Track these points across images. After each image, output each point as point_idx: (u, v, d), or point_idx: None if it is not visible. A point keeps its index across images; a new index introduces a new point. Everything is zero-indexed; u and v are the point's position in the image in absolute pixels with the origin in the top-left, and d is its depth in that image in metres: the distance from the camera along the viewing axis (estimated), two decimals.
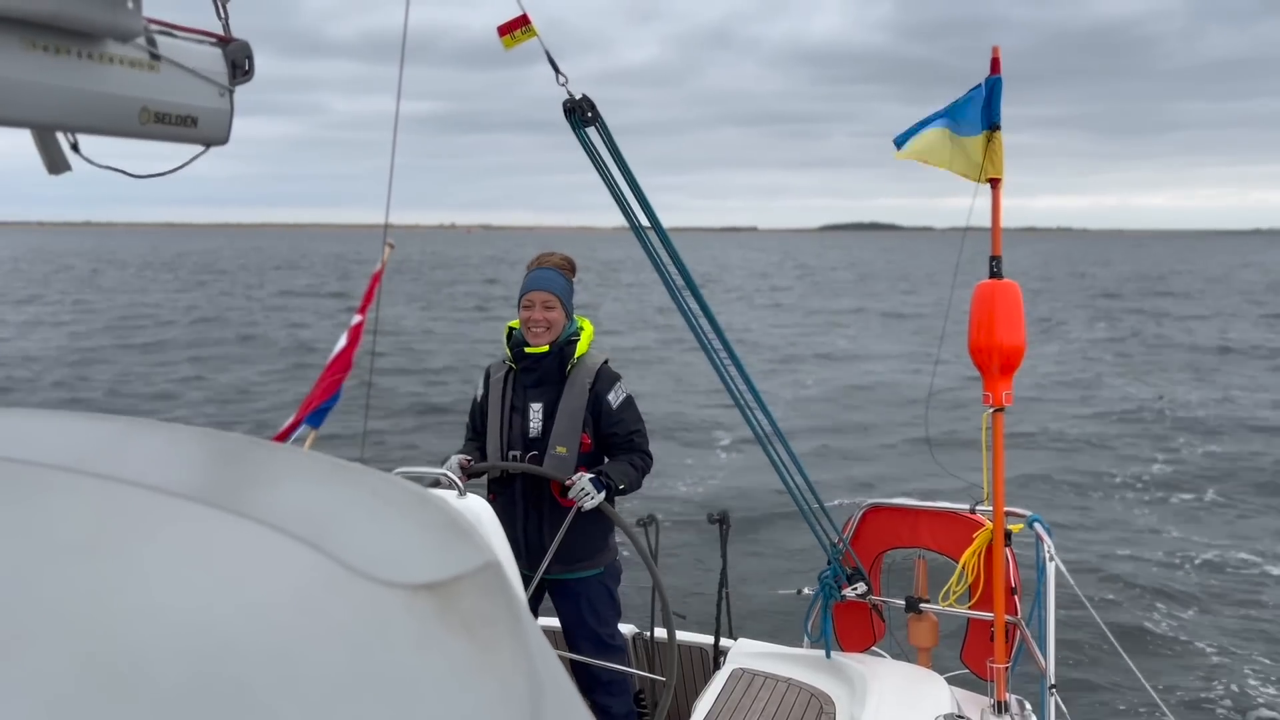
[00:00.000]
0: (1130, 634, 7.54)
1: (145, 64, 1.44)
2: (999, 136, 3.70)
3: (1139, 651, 7.27)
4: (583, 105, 3.10)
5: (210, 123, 1.56)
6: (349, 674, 0.51)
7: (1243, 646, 7.55)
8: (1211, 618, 8.11)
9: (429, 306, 37.82)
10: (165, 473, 0.68)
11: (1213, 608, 8.31)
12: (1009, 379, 3.68)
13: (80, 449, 0.71)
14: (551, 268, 3.81)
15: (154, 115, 1.46)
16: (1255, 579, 8.91)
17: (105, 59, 1.38)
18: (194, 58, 1.53)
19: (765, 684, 3.66)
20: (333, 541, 0.60)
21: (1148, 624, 7.94)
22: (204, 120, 1.55)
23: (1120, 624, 7.55)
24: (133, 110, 1.44)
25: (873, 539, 4.25)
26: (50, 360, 21.88)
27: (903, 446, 13.73)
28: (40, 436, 0.74)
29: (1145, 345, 26.74)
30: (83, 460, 0.66)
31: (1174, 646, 7.57)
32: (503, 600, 0.60)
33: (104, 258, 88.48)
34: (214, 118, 1.56)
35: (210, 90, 1.55)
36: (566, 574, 3.79)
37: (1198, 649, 7.54)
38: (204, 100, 1.54)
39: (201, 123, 1.55)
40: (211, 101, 1.56)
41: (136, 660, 0.48)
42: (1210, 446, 14.11)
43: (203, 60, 1.54)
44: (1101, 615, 4.21)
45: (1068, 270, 75.08)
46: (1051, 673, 3.60)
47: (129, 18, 1.38)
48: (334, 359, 5.45)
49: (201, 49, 1.56)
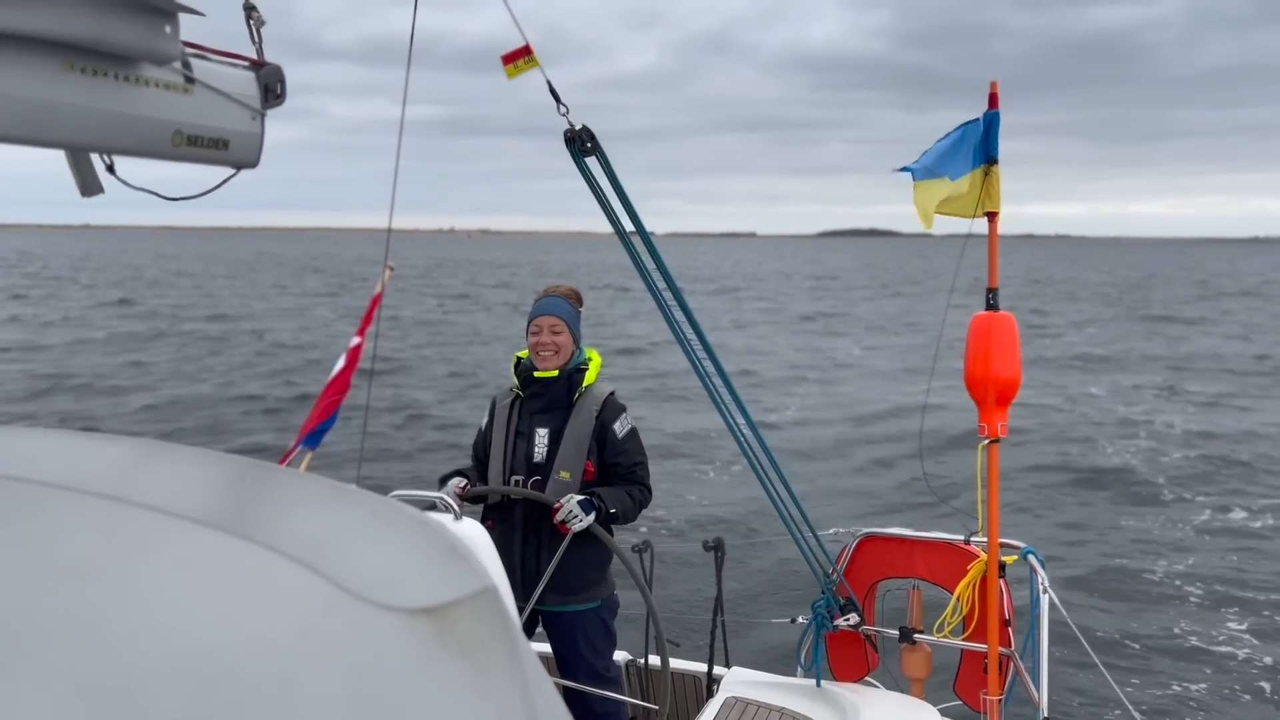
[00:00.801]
0: (1124, 667, 7.52)
1: (180, 87, 1.46)
2: (996, 171, 3.74)
3: (1133, 684, 7.26)
4: (583, 135, 3.14)
5: (241, 145, 1.57)
6: (347, 697, 0.52)
7: (1241, 684, 7.52)
8: (1210, 652, 8.08)
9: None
10: (168, 495, 0.69)
11: (1212, 642, 8.29)
12: (1005, 410, 3.70)
13: (85, 469, 0.72)
14: (560, 296, 3.89)
15: (186, 138, 1.47)
16: (1262, 617, 8.87)
17: (141, 82, 1.39)
18: (227, 81, 1.54)
19: (759, 713, 3.65)
20: (332, 565, 0.60)
21: (1142, 657, 7.92)
22: (235, 143, 1.56)
23: (1113, 656, 7.54)
24: (166, 133, 1.45)
25: (867, 568, 4.25)
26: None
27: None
28: (46, 456, 0.75)
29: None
30: (87, 481, 0.67)
31: (1170, 681, 7.54)
32: (499, 624, 0.61)
33: (182, 258, 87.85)
34: (245, 141, 1.58)
35: (243, 113, 1.56)
36: (562, 606, 3.77)
37: (1195, 683, 7.51)
38: (236, 123, 1.55)
39: (233, 145, 1.56)
40: (243, 124, 1.57)
41: (136, 682, 0.48)
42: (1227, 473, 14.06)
43: (236, 84, 1.56)
44: (1094, 647, 4.20)
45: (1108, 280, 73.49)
46: (1045, 705, 3.60)
47: (166, 42, 1.39)
48: (332, 380, 5.45)
49: (235, 72, 1.57)
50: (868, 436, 16.61)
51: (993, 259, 3.76)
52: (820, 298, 49.45)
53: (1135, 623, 8.61)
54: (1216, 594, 9.30)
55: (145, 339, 27.83)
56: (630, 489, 3.76)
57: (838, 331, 33.40)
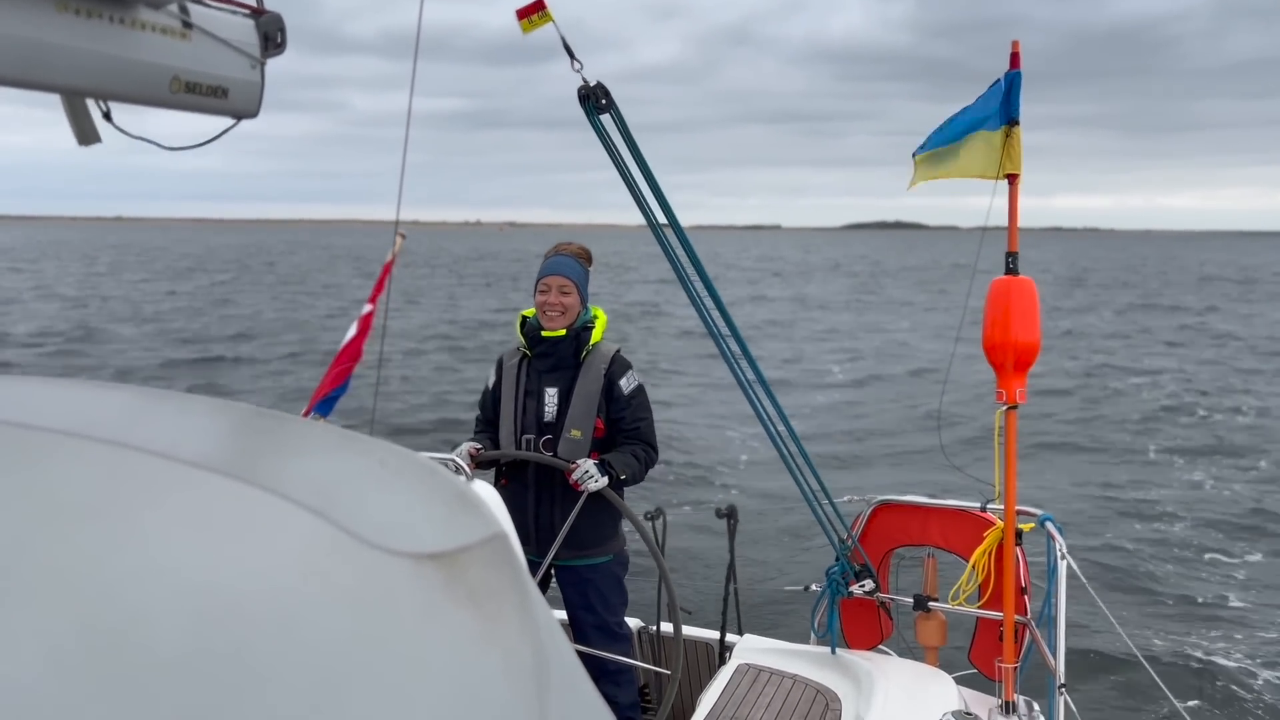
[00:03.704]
0: (1144, 634, 7.49)
1: (177, 32, 1.42)
2: (1018, 131, 3.67)
3: (1153, 649, 7.23)
4: (597, 92, 3.09)
5: (241, 94, 1.54)
6: (352, 642, 0.51)
7: (1265, 648, 7.48)
8: (1232, 618, 8.04)
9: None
10: (171, 440, 0.67)
11: (1233, 608, 8.25)
12: (1023, 376, 3.65)
13: (87, 416, 0.70)
14: (569, 255, 3.88)
15: (185, 85, 1.44)
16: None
17: (137, 25, 1.36)
18: (226, 28, 1.51)
19: (771, 680, 3.64)
20: (339, 509, 0.59)
21: (1162, 624, 7.88)
22: (235, 92, 1.53)
23: (1133, 627, 7.51)
24: (164, 79, 1.41)
25: (882, 536, 4.22)
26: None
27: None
28: (47, 404, 0.74)
29: None
30: (89, 427, 0.65)
31: (1193, 649, 7.49)
32: (509, 572, 0.60)
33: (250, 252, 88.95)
34: (245, 89, 1.54)
35: (242, 61, 1.53)
36: (576, 560, 3.82)
37: (1216, 650, 7.47)
38: (235, 71, 1.52)
39: (232, 94, 1.53)
40: (243, 73, 1.54)
41: (135, 621, 0.47)
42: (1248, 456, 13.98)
43: (235, 31, 1.52)
44: (1114, 614, 4.17)
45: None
46: (1061, 673, 3.57)
47: None
48: (344, 348, 5.45)
49: (234, 19, 1.54)
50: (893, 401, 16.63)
51: (1013, 223, 3.69)
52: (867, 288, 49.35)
53: (1157, 589, 8.58)
54: (1243, 562, 9.24)
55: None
56: (635, 448, 3.79)
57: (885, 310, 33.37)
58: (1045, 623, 3.77)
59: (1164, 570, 9.07)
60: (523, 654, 0.55)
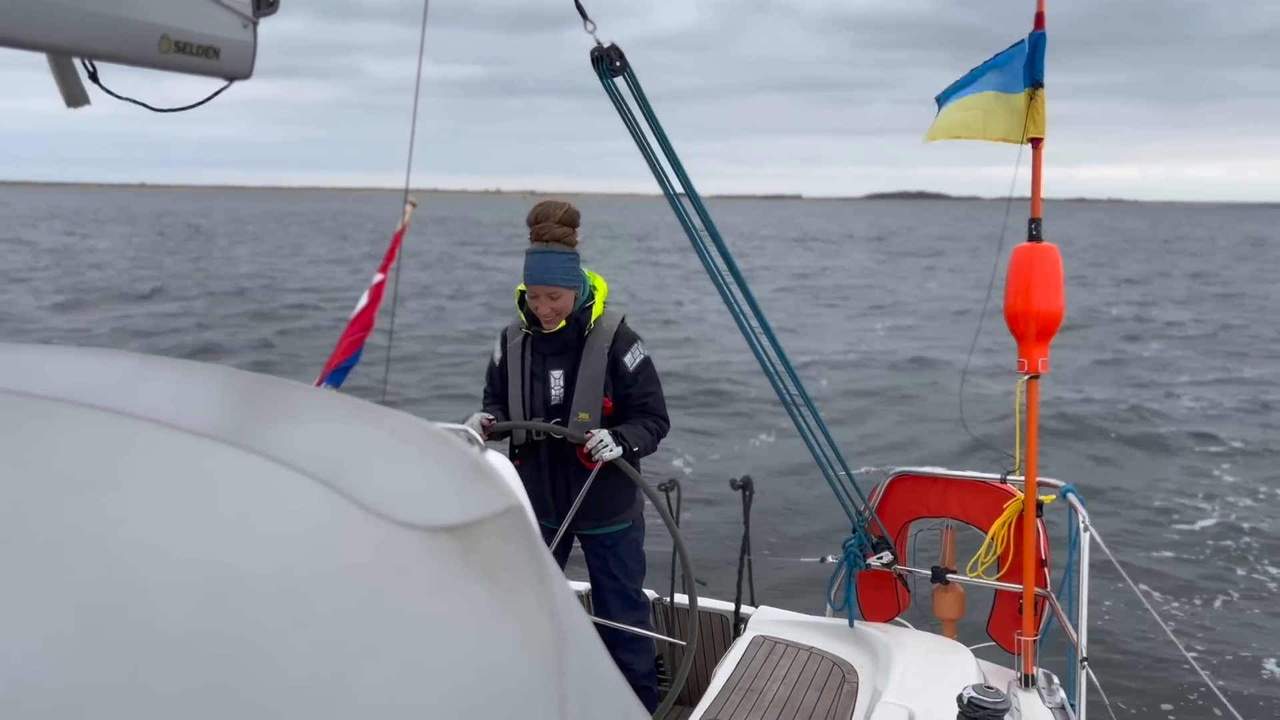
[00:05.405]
0: (1168, 608, 7.43)
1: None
2: (1041, 95, 3.59)
3: (1176, 622, 7.17)
4: (610, 53, 3.01)
5: (233, 55, 1.50)
6: (363, 616, 0.49)
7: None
8: (1259, 589, 7.97)
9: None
10: (175, 408, 0.65)
11: (1259, 580, 8.18)
12: (1045, 345, 3.59)
13: (88, 383, 0.67)
14: (549, 251, 3.60)
15: (174, 44, 1.40)
16: None
17: None
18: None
19: (787, 651, 3.61)
20: (348, 480, 0.57)
21: (1187, 597, 7.80)
22: (226, 52, 1.48)
23: (1157, 601, 7.46)
24: (152, 38, 1.37)
25: (900, 508, 4.19)
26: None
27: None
28: (47, 371, 0.71)
29: None
30: (90, 394, 0.63)
31: (1219, 621, 7.43)
32: (525, 545, 0.58)
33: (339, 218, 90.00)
34: (237, 50, 1.50)
35: (233, 20, 1.48)
36: (597, 529, 3.84)
37: (1244, 622, 7.40)
38: (226, 31, 1.48)
39: (224, 55, 1.48)
40: (234, 33, 1.49)
41: (137, 594, 0.46)
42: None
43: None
44: (1139, 586, 4.11)
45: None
46: (1083, 646, 3.53)
47: None
48: (355, 317, 5.44)
49: None
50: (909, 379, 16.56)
51: (1036, 189, 3.62)
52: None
53: (1181, 566, 8.51)
54: (1267, 535, 9.17)
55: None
56: (646, 420, 3.75)
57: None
58: (1064, 595, 3.72)
59: (1193, 549, 8.96)
60: (540, 628, 0.53)
